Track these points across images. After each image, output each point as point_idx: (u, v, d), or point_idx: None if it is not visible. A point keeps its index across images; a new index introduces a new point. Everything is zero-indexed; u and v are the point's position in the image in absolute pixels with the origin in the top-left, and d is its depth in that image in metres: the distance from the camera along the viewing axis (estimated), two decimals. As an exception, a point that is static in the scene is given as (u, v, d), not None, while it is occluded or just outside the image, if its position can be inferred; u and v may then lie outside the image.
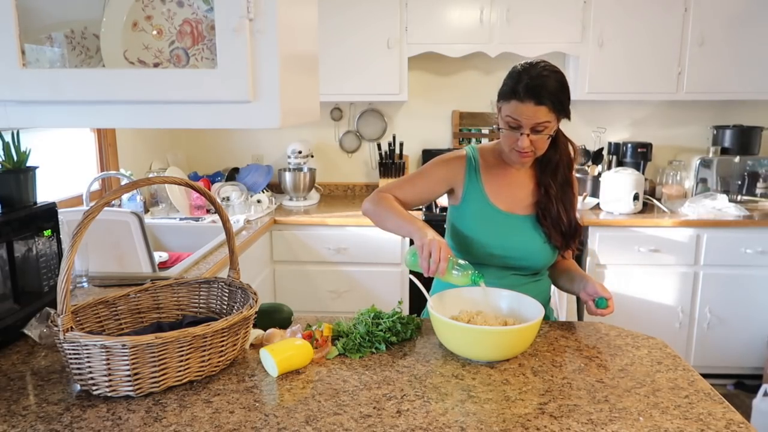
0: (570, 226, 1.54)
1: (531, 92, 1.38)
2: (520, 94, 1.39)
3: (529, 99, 1.39)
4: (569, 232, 1.55)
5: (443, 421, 1.03)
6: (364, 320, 1.37)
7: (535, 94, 1.38)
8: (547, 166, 1.56)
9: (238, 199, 3.04)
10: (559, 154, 1.55)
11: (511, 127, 1.44)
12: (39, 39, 1.11)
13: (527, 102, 1.39)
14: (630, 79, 3.17)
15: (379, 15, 3.14)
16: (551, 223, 1.53)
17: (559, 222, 1.53)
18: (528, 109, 1.39)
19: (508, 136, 1.46)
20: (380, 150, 3.52)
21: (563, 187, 1.56)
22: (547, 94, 1.38)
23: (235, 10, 0.93)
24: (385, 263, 3.04)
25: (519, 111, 1.41)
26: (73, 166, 2.60)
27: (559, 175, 1.55)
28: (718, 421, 1.03)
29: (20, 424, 1.02)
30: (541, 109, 1.39)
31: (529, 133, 1.42)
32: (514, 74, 1.44)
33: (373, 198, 1.56)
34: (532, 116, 1.40)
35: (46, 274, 1.47)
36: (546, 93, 1.38)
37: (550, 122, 1.42)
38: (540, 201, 1.55)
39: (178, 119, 1.01)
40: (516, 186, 1.58)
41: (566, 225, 1.54)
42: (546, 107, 1.39)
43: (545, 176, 1.55)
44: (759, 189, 3.23)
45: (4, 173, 1.42)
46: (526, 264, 1.56)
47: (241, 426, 1.01)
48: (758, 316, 3.02)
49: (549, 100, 1.39)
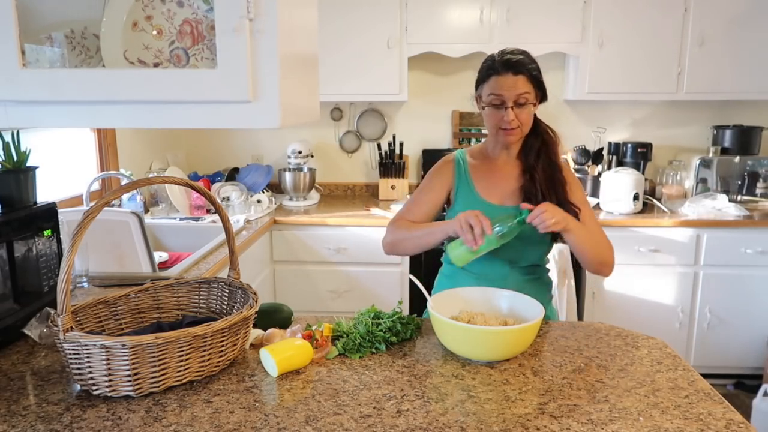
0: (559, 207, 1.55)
1: (507, 65, 1.50)
2: (497, 69, 1.51)
3: (507, 71, 1.49)
4: None
5: (443, 421, 1.03)
6: (364, 320, 1.37)
7: (511, 66, 1.49)
8: (530, 151, 1.60)
9: (238, 199, 3.04)
10: (540, 138, 1.60)
11: (494, 105, 1.51)
12: (39, 39, 1.11)
13: (505, 74, 1.49)
14: (630, 79, 3.17)
15: (379, 15, 3.14)
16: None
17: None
18: (507, 80, 1.49)
19: (493, 114, 1.53)
20: (380, 150, 3.52)
21: (547, 170, 1.58)
22: (522, 66, 1.50)
23: (235, 10, 0.93)
24: (385, 263, 3.03)
25: (499, 84, 1.50)
26: (73, 166, 2.60)
27: (541, 159, 1.59)
28: (718, 421, 1.03)
29: (20, 424, 1.02)
30: (520, 78, 1.49)
31: (513, 106, 1.49)
32: (488, 59, 1.57)
33: (388, 231, 1.65)
34: (513, 87, 1.49)
35: (46, 274, 1.47)
36: (521, 65, 1.50)
37: (529, 93, 1.50)
38: (526, 187, 1.58)
39: (178, 119, 1.01)
40: (504, 178, 1.61)
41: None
42: (524, 76, 1.49)
43: (529, 161, 1.60)
44: (759, 189, 3.23)
45: (4, 173, 1.42)
46: (525, 254, 1.58)
47: (241, 426, 1.01)
48: (758, 316, 3.02)
49: (526, 69, 1.50)
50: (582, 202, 1.60)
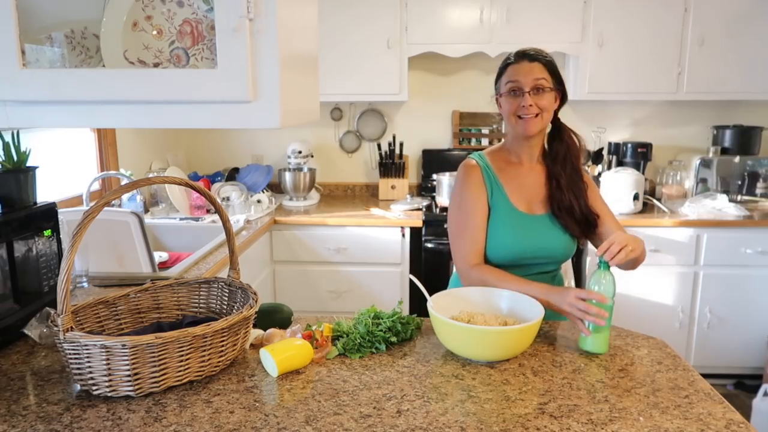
0: (583, 215, 1.57)
1: (522, 54, 1.54)
2: (512, 60, 1.55)
3: (522, 59, 1.53)
4: (582, 219, 1.58)
5: (443, 421, 1.03)
6: (364, 320, 1.37)
7: (526, 54, 1.54)
8: (556, 157, 1.61)
9: (238, 199, 3.04)
10: (566, 144, 1.61)
11: (512, 91, 1.52)
12: (39, 39, 1.11)
13: (521, 62, 1.53)
14: (630, 79, 3.17)
15: (379, 15, 3.14)
16: (566, 214, 1.57)
17: (572, 210, 1.57)
18: (523, 67, 1.52)
19: (511, 102, 1.53)
20: (380, 150, 3.52)
21: (572, 176, 1.59)
22: (537, 54, 1.54)
23: (235, 10, 0.93)
24: (385, 263, 3.04)
25: (515, 71, 1.53)
26: (73, 166, 2.60)
27: (567, 166, 1.60)
28: (718, 421, 1.03)
29: (20, 424, 1.02)
30: (535, 65, 1.52)
31: (530, 92, 1.50)
32: (505, 57, 1.60)
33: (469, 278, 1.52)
34: (529, 72, 1.51)
35: (46, 274, 1.47)
36: (536, 53, 1.54)
37: (545, 79, 1.52)
38: (552, 194, 1.59)
39: (178, 119, 1.01)
40: (530, 184, 1.61)
41: (578, 213, 1.57)
42: (539, 63, 1.52)
43: (555, 167, 1.60)
44: (759, 189, 3.23)
45: (4, 173, 1.42)
46: (553, 260, 1.61)
47: (241, 426, 1.01)
48: (758, 316, 3.02)
49: (541, 57, 1.54)
50: (604, 206, 1.62)
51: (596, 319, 1.28)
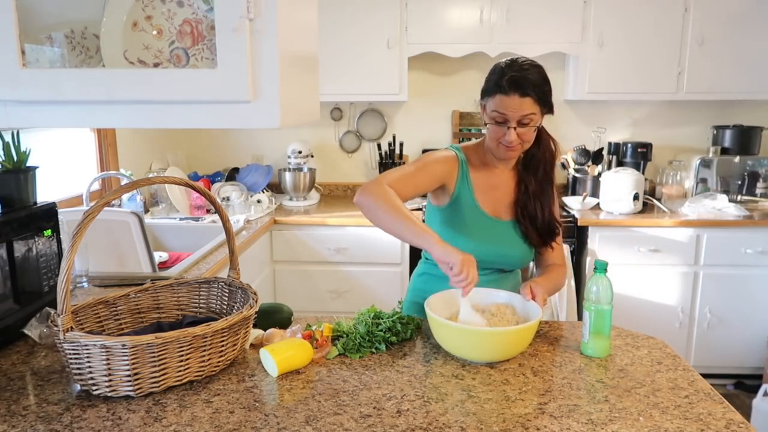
0: (545, 224, 1.57)
1: (515, 85, 1.42)
2: (504, 88, 1.43)
3: (514, 92, 1.42)
4: (544, 230, 1.57)
5: (443, 421, 1.03)
6: (364, 320, 1.37)
7: (519, 86, 1.42)
8: (530, 162, 1.58)
9: (238, 199, 3.04)
10: (542, 150, 1.57)
11: (497, 122, 1.46)
12: (39, 39, 1.11)
13: (512, 95, 1.42)
14: (630, 79, 3.17)
15: (379, 15, 3.14)
16: (529, 222, 1.56)
17: (535, 219, 1.56)
18: (513, 101, 1.42)
19: (495, 130, 1.48)
20: (380, 150, 3.52)
21: (542, 184, 1.58)
22: (530, 86, 1.42)
23: (235, 10, 0.93)
24: (385, 263, 3.04)
25: (504, 104, 1.43)
26: (73, 166, 2.60)
27: (539, 172, 1.58)
28: (718, 421, 1.03)
29: (20, 424, 1.02)
30: (526, 101, 1.42)
31: (516, 126, 1.44)
32: (497, 70, 1.48)
33: (372, 191, 1.39)
34: (518, 108, 1.42)
35: (46, 274, 1.47)
36: (529, 85, 1.42)
37: (535, 114, 1.44)
38: (519, 199, 1.57)
39: (178, 119, 1.01)
40: (500, 188, 1.59)
41: (541, 222, 1.56)
42: (530, 99, 1.42)
43: (527, 173, 1.58)
44: (759, 189, 3.22)
45: (4, 173, 1.42)
46: (511, 265, 1.61)
47: (241, 426, 1.01)
48: (758, 316, 3.02)
49: (533, 91, 1.42)
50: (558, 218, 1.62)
51: (457, 282, 1.28)
